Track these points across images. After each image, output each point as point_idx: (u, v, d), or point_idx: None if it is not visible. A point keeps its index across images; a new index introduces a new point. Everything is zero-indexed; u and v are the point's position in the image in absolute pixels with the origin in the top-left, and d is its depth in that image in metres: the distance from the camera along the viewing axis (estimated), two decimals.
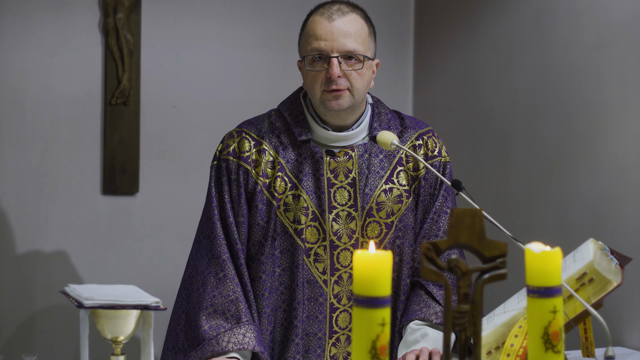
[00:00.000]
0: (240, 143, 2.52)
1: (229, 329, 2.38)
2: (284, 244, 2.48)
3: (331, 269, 2.49)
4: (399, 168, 2.55)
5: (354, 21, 2.45)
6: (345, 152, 2.50)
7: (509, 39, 3.45)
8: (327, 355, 2.49)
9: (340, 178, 2.50)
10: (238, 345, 2.35)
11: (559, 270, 1.62)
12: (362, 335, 1.47)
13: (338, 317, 2.49)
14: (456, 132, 3.73)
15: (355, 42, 2.42)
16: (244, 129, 2.56)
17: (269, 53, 3.78)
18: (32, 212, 3.46)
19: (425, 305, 2.48)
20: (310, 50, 2.43)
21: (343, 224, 2.49)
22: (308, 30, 2.46)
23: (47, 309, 3.47)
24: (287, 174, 2.50)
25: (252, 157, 2.51)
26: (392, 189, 2.53)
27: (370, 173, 2.51)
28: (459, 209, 1.61)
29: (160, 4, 3.61)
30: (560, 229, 3.16)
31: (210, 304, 2.43)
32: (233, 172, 2.50)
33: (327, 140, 2.52)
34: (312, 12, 2.50)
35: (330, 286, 2.49)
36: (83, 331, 1.85)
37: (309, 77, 2.45)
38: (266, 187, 2.49)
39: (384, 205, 2.51)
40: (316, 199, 2.48)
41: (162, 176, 3.62)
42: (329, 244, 2.48)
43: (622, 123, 2.94)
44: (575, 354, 2.44)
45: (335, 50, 2.41)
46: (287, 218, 2.48)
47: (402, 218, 2.53)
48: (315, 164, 2.50)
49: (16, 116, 3.44)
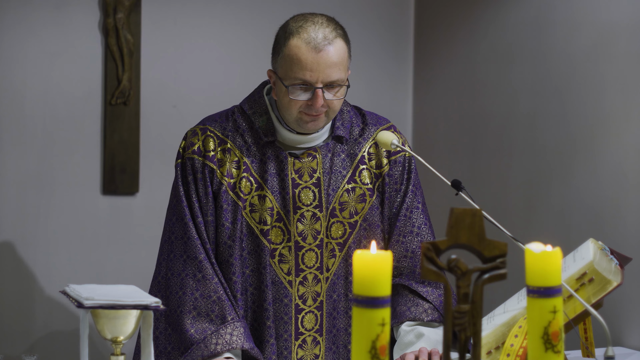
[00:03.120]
0: (205, 141, 2.48)
1: (215, 330, 2.36)
2: (251, 244, 2.46)
3: (296, 269, 2.47)
4: (361, 167, 2.53)
5: (338, 48, 2.39)
6: (309, 153, 2.49)
7: (508, 41, 3.45)
8: (294, 357, 2.46)
9: (304, 178, 2.48)
10: (227, 346, 2.33)
11: (559, 270, 1.62)
12: (362, 335, 1.47)
13: (304, 318, 2.47)
14: (456, 133, 3.73)
15: (339, 71, 2.39)
16: (208, 126, 2.51)
17: (269, 53, 3.77)
18: (32, 212, 3.46)
19: (413, 304, 2.46)
20: (294, 78, 2.38)
21: (308, 225, 2.47)
22: (291, 55, 2.39)
23: (47, 309, 3.47)
24: (252, 174, 2.47)
25: (217, 156, 2.47)
26: (355, 188, 2.52)
27: (333, 173, 2.50)
28: (459, 209, 1.60)
29: (160, 4, 3.61)
30: (560, 229, 3.16)
31: (193, 307, 2.39)
32: (199, 171, 2.46)
33: (291, 142, 2.49)
34: (294, 32, 2.42)
35: (295, 287, 2.47)
36: (83, 331, 1.85)
37: (286, 99, 2.40)
38: (231, 187, 2.46)
39: (347, 205, 2.50)
40: (281, 200, 2.46)
41: (162, 176, 3.62)
42: (293, 245, 2.47)
43: (621, 126, 2.94)
44: (575, 354, 2.44)
45: (320, 82, 2.37)
46: (253, 219, 2.45)
47: (366, 217, 2.51)
48: (279, 164, 2.47)
49: (16, 116, 3.44)
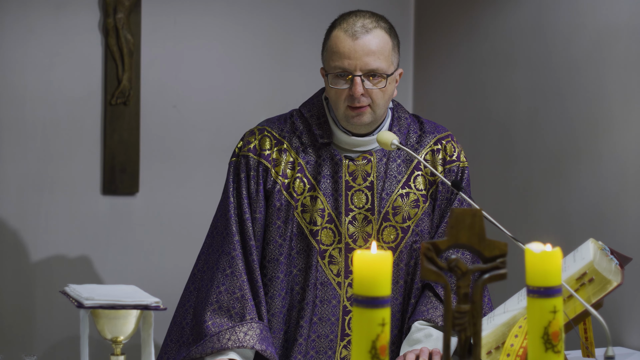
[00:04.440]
0: (261, 141, 2.53)
1: (231, 326, 2.39)
2: (300, 244, 2.49)
3: (345, 271, 2.49)
4: (416, 173, 2.55)
5: (378, 38, 2.43)
6: (364, 157, 2.51)
7: (509, 39, 3.45)
8: (338, 357, 2.49)
9: (358, 181, 2.50)
10: (237, 343, 2.36)
11: (559, 270, 1.62)
12: (362, 335, 1.47)
13: (351, 320, 2.49)
14: (456, 131, 3.71)
15: (378, 60, 2.41)
16: (266, 127, 2.56)
17: (269, 53, 3.78)
18: (32, 212, 3.46)
19: (432, 307, 2.48)
20: (334, 67, 2.43)
21: (359, 227, 2.49)
22: (331, 45, 2.45)
23: (47, 309, 3.47)
24: (306, 175, 2.50)
25: (273, 155, 2.52)
26: (409, 193, 2.53)
27: (387, 177, 2.52)
28: (459, 209, 1.61)
29: (160, 4, 3.61)
30: (560, 229, 3.16)
31: (215, 300, 2.43)
32: (252, 169, 2.51)
33: (347, 145, 2.52)
34: (336, 24, 2.48)
35: (344, 289, 2.49)
36: (83, 331, 1.85)
37: (332, 92, 2.46)
38: (285, 187, 2.50)
39: (400, 210, 2.51)
40: (333, 201, 2.49)
41: (162, 176, 3.62)
42: (344, 247, 2.49)
43: (623, 123, 2.94)
44: (575, 354, 2.44)
45: (358, 69, 2.41)
46: (303, 219, 2.48)
47: (418, 223, 2.53)
48: (334, 166, 2.50)
49: (16, 116, 3.44)
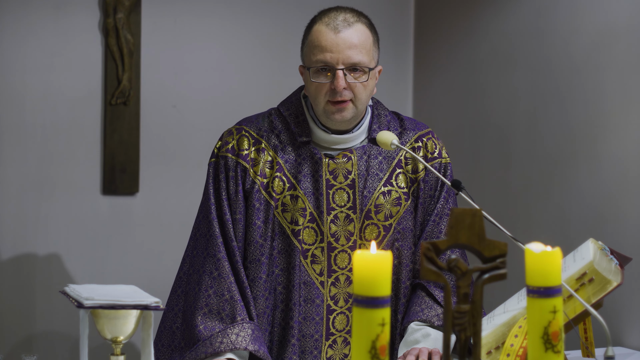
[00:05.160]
0: (239, 141, 2.51)
1: (222, 329, 2.38)
2: (282, 244, 2.48)
3: (328, 270, 2.48)
4: (397, 170, 2.54)
5: (360, 32, 2.43)
6: (344, 154, 2.50)
7: (509, 39, 3.45)
8: (324, 356, 2.49)
9: (339, 179, 2.49)
10: (230, 346, 2.35)
11: (559, 270, 1.62)
12: (362, 335, 1.47)
13: (335, 319, 2.49)
14: (456, 132, 3.72)
15: (360, 54, 2.41)
16: (243, 126, 2.54)
17: (269, 53, 3.78)
18: (32, 212, 3.46)
19: (427, 307, 2.48)
20: (316, 61, 2.42)
21: (341, 226, 2.48)
22: (312, 40, 2.44)
23: (47, 309, 3.47)
24: (285, 174, 2.49)
25: (251, 155, 2.50)
26: (391, 191, 2.52)
27: (369, 175, 2.51)
28: (459, 209, 1.61)
29: (160, 4, 3.61)
30: (560, 228, 3.16)
31: (205, 304, 2.42)
32: (231, 169, 2.49)
33: (326, 143, 2.51)
34: (316, 19, 2.47)
35: (327, 288, 2.48)
36: (83, 331, 1.85)
37: (313, 87, 2.44)
38: (264, 186, 2.48)
39: (383, 208, 2.51)
40: (314, 200, 2.48)
41: (162, 176, 3.62)
42: (326, 246, 2.48)
43: (622, 123, 2.94)
44: (575, 354, 2.44)
45: (340, 63, 2.40)
46: (284, 219, 2.47)
47: (400, 221, 2.52)
48: (314, 165, 2.49)
49: (16, 116, 3.44)
